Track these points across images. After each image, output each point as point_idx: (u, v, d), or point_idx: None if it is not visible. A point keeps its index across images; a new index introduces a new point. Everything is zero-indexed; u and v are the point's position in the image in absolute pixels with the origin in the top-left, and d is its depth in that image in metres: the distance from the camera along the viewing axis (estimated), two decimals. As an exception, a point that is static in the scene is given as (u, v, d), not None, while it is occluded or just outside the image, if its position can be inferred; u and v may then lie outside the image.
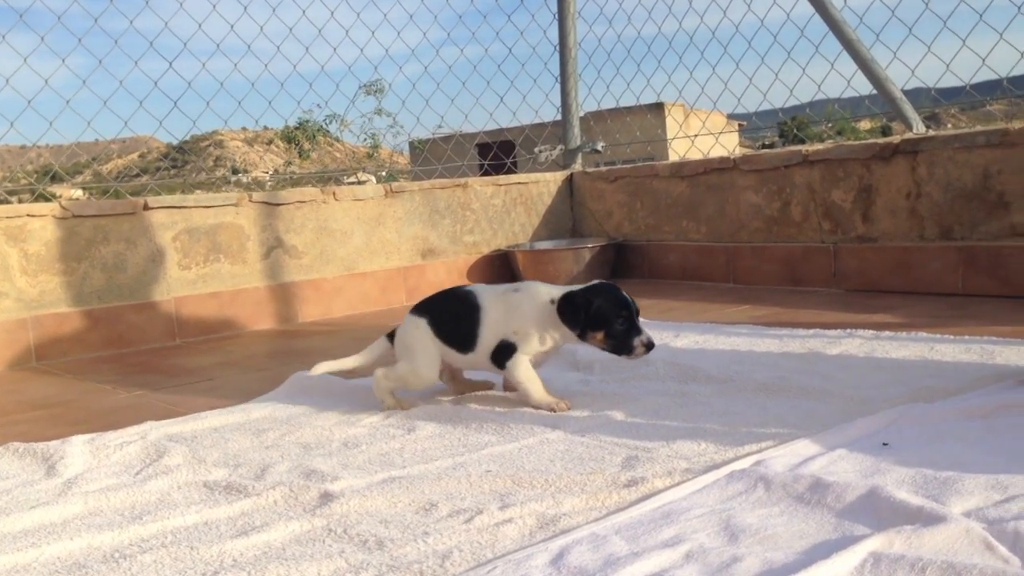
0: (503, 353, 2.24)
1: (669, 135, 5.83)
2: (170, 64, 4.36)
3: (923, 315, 3.08)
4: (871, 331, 2.80)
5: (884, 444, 1.73)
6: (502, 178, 4.94)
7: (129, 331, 3.68)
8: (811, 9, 4.39)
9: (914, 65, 4.07)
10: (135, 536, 1.54)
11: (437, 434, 2.06)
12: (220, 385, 2.84)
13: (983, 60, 3.80)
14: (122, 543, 1.51)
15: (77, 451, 2.07)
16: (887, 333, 2.76)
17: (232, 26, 4.47)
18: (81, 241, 3.61)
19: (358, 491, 1.67)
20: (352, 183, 6.11)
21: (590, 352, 2.67)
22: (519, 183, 4.93)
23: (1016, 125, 3.31)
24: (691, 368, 2.44)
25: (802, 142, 4.70)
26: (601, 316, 2.18)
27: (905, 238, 3.62)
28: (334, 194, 4.26)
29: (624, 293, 2.22)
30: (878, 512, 1.36)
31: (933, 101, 4.41)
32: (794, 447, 1.72)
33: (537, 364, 2.27)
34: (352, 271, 4.27)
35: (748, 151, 5.04)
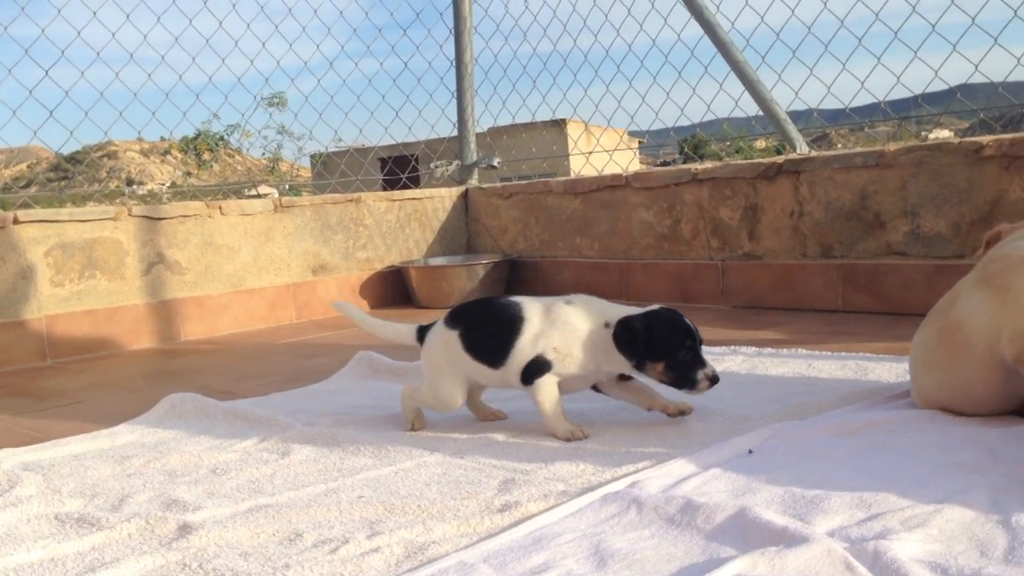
0: (535, 369, 2.00)
1: (573, 151, 5.86)
2: (46, 72, 4.17)
3: (804, 331, 3.15)
4: (754, 348, 2.85)
5: (750, 451, 1.76)
6: (396, 193, 4.88)
7: (-4, 351, 3.49)
8: (701, 31, 4.48)
9: (798, 87, 4.19)
10: (-29, 576, 1.43)
11: (312, 458, 1.99)
12: (88, 408, 2.70)
13: (862, 83, 3.93)
14: (-45, 584, 1.40)
15: (-80, 483, 1.93)
16: (769, 350, 2.81)
17: (113, 34, 4.32)
18: (-57, 256, 3.41)
19: (220, 521, 1.59)
20: (253, 196, 5.96)
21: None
22: (413, 198, 4.88)
23: (891, 147, 3.42)
24: (576, 387, 2.42)
25: (700, 160, 4.79)
26: (663, 345, 1.96)
27: (788, 256, 3.70)
28: (220, 208, 4.13)
29: (688, 320, 2.01)
30: (745, 533, 1.36)
31: (820, 122, 4.54)
32: (670, 467, 1.72)
33: (564, 391, 2.06)
34: (239, 288, 4.15)
35: (642, 169, 5.09)
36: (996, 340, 1.82)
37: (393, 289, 4.68)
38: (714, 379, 1.96)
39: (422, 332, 2.19)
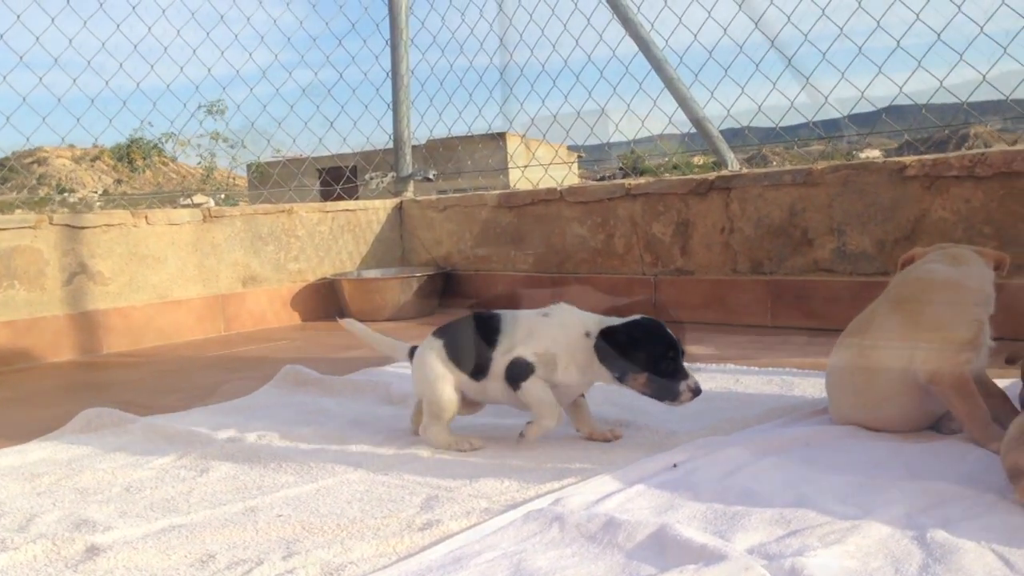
0: (519, 370, 1.97)
1: (510, 165, 5.87)
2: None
3: (733, 347, 3.18)
4: (684, 364, 2.85)
5: (674, 465, 1.77)
6: (329, 204, 4.83)
7: (-95, 364, 3.35)
8: (636, 47, 4.52)
9: (730, 105, 4.25)
10: None
11: (231, 475, 1.93)
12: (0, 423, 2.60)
13: (791, 103, 4.00)
14: None
15: None
16: (699, 365, 2.82)
17: (37, 39, 4.20)
18: None
19: (130, 543, 1.53)
20: (188, 205, 5.84)
21: (404, 385, 2.62)
22: (347, 210, 4.83)
23: (819, 165, 3.48)
24: (504, 402, 2.41)
25: (639, 176, 4.82)
26: (646, 357, 1.92)
27: (719, 271, 3.74)
28: (146, 217, 4.03)
29: (669, 330, 1.98)
30: (665, 551, 1.35)
31: (753, 140, 4.60)
32: (594, 484, 1.71)
33: None
34: (165, 299, 4.05)
35: (579, 183, 5.11)
36: (910, 361, 1.86)
37: (325, 302, 4.62)
38: (696, 391, 1.93)
39: (413, 350, 2.16)
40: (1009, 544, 1.30)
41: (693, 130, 4.59)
